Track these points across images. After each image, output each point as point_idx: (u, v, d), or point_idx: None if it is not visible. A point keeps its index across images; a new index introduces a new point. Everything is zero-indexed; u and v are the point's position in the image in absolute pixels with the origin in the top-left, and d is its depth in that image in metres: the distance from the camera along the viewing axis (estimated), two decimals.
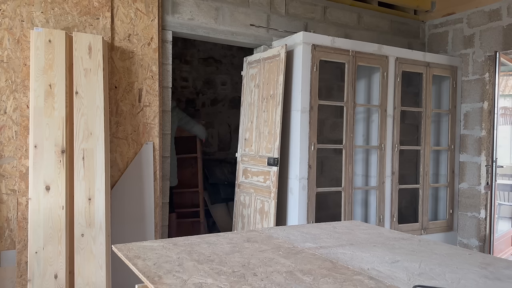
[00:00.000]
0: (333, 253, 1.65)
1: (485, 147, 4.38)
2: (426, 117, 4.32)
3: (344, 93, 3.82)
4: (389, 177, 4.07)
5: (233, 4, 3.81)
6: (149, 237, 3.24)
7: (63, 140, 2.79)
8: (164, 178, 3.51)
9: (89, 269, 2.72)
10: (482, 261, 1.60)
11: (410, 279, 1.37)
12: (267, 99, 3.69)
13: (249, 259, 1.54)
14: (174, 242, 1.75)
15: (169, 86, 3.57)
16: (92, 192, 2.81)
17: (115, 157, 3.20)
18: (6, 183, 2.93)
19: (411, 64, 4.18)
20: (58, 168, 2.76)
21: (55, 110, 2.80)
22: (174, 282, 1.27)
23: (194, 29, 3.66)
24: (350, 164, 3.84)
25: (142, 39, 3.34)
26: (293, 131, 3.61)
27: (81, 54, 2.92)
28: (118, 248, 1.62)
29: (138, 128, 3.30)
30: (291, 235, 1.95)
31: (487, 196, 4.41)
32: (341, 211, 3.81)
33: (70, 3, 3.09)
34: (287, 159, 3.66)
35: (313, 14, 4.26)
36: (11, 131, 2.95)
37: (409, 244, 1.84)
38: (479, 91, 4.41)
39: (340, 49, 3.73)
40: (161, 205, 3.42)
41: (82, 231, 2.75)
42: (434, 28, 4.92)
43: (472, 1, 4.44)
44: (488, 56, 4.34)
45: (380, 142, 4.03)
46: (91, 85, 2.91)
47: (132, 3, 3.31)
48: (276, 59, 3.61)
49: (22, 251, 2.79)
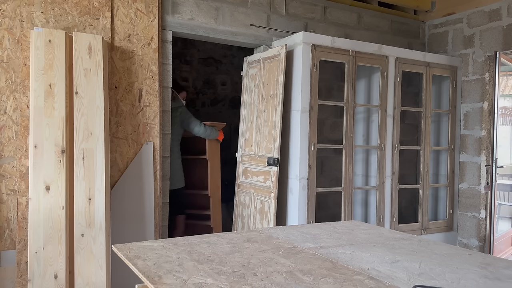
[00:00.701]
0: (333, 253, 1.65)
1: (485, 147, 4.38)
2: (426, 117, 4.32)
3: (344, 93, 3.82)
4: (389, 177, 4.07)
5: (233, 4, 3.81)
6: (149, 237, 3.24)
7: (63, 140, 2.79)
8: (164, 178, 3.51)
9: (89, 269, 2.72)
10: (482, 261, 1.60)
11: (410, 279, 1.37)
12: (267, 99, 3.69)
13: (249, 259, 1.54)
14: (174, 242, 1.75)
15: (169, 86, 3.57)
16: (92, 192, 2.80)
17: (115, 157, 3.20)
18: (6, 183, 2.93)
19: (411, 64, 4.18)
20: (58, 168, 2.76)
21: (55, 110, 2.80)
22: (174, 282, 1.27)
23: (194, 29, 3.66)
24: (350, 164, 3.84)
25: (142, 39, 3.34)
26: (293, 131, 3.61)
27: (81, 54, 2.92)
28: (118, 248, 1.62)
29: (138, 128, 3.30)
30: (291, 235, 1.95)
31: (487, 196, 4.41)
32: (341, 211, 3.81)
33: (70, 3, 3.09)
34: (287, 159, 3.66)
35: (313, 14, 4.26)
36: (11, 131, 2.95)
37: (409, 244, 1.84)
38: (479, 91, 4.41)
39: (340, 49, 3.73)
40: (161, 205, 3.42)
41: (82, 231, 2.75)
42: (434, 28, 4.92)
43: (472, 1, 4.44)
44: (488, 56, 4.34)
45: (380, 142, 4.03)
46: (91, 85, 2.91)
47: (132, 3, 3.31)
48: (276, 59, 3.61)
49: (22, 251, 2.79)
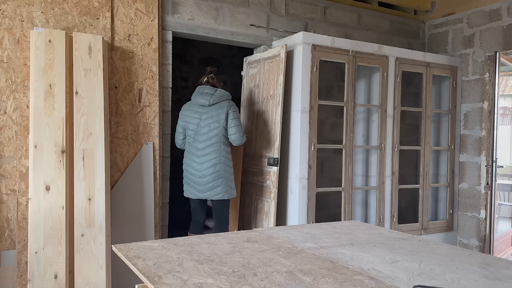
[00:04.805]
0: (333, 253, 1.65)
1: (485, 147, 4.38)
2: (426, 117, 4.32)
3: (344, 93, 3.82)
4: (389, 177, 4.07)
5: (233, 4, 3.82)
6: (149, 237, 3.23)
7: (63, 140, 2.79)
8: (164, 178, 3.51)
9: (89, 269, 2.72)
10: (482, 261, 1.60)
11: (410, 279, 1.37)
12: (267, 99, 3.69)
13: (249, 259, 1.54)
14: (174, 242, 1.75)
15: (169, 86, 3.57)
16: (92, 192, 2.80)
17: (115, 157, 3.20)
18: (6, 183, 2.92)
19: (411, 64, 4.18)
20: (58, 168, 2.76)
21: (55, 110, 2.80)
22: (174, 282, 1.27)
23: (194, 29, 3.66)
24: (350, 164, 3.83)
25: (142, 39, 3.34)
26: (293, 131, 3.61)
27: (81, 54, 2.92)
28: (118, 248, 1.62)
29: (138, 128, 3.30)
30: (291, 235, 1.95)
31: (487, 196, 4.41)
32: (341, 211, 3.81)
33: (70, 3, 3.09)
34: (287, 159, 3.66)
35: (313, 14, 4.26)
36: (11, 131, 2.95)
37: (409, 244, 1.84)
38: (479, 91, 4.41)
39: (340, 49, 3.73)
40: (161, 205, 3.42)
41: (82, 231, 2.75)
42: (434, 28, 4.92)
43: (472, 1, 4.44)
44: (488, 56, 4.34)
45: (380, 142, 4.03)
46: (91, 85, 2.91)
47: (132, 3, 3.31)
48: (276, 59, 3.61)
49: (22, 251, 2.79)
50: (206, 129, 3.19)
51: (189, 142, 3.27)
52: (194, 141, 3.22)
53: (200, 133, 3.20)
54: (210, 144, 3.18)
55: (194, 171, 3.20)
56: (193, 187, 3.23)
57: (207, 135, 3.19)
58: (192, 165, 3.22)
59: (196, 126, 3.22)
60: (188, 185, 3.27)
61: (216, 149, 3.19)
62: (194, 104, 3.27)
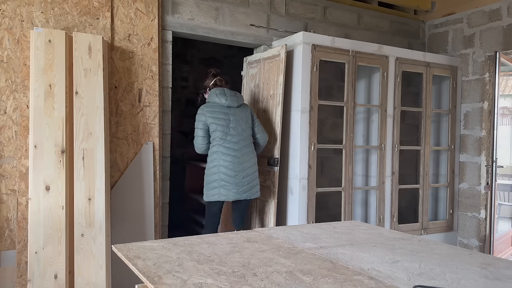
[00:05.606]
0: (333, 253, 1.65)
1: (485, 147, 4.38)
2: (426, 117, 4.32)
3: (344, 93, 3.82)
4: (389, 177, 4.07)
5: (233, 4, 3.81)
6: (149, 237, 3.24)
7: (63, 140, 2.79)
8: (164, 178, 3.51)
9: (89, 269, 2.72)
10: (482, 261, 1.60)
11: (410, 279, 1.37)
12: (267, 99, 3.69)
13: (249, 259, 1.54)
14: (174, 242, 1.75)
15: (169, 86, 3.57)
16: (92, 192, 2.80)
17: (115, 157, 3.20)
18: (6, 183, 2.92)
19: (411, 64, 4.18)
20: (58, 168, 2.76)
21: (55, 110, 2.80)
22: (174, 282, 1.27)
23: (194, 29, 3.66)
24: (350, 164, 3.83)
25: (142, 39, 3.34)
26: (293, 131, 3.61)
27: (81, 54, 2.92)
28: (118, 248, 1.62)
29: (138, 128, 3.30)
30: (291, 235, 1.95)
31: (487, 196, 4.41)
32: (341, 211, 3.81)
33: (70, 3, 3.09)
34: (287, 159, 3.66)
35: (313, 14, 4.26)
36: (11, 131, 2.95)
37: (409, 244, 1.84)
38: (479, 91, 4.41)
39: (340, 49, 3.73)
40: (161, 205, 3.42)
41: (82, 231, 2.75)
42: (434, 28, 4.92)
43: (472, 1, 4.44)
44: (488, 56, 4.34)
45: (380, 142, 4.03)
46: (91, 85, 2.91)
47: (132, 3, 3.31)
48: (276, 59, 3.61)
49: (22, 251, 2.79)
50: (239, 130, 3.20)
51: (220, 144, 3.15)
52: (226, 142, 3.15)
53: (233, 134, 3.17)
54: (246, 144, 3.22)
55: (234, 172, 3.12)
56: (229, 189, 3.12)
57: (241, 136, 3.20)
58: (229, 166, 3.12)
59: (225, 128, 3.16)
60: (224, 188, 3.13)
61: (252, 149, 3.27)
62: (218, 105, 3.19)
